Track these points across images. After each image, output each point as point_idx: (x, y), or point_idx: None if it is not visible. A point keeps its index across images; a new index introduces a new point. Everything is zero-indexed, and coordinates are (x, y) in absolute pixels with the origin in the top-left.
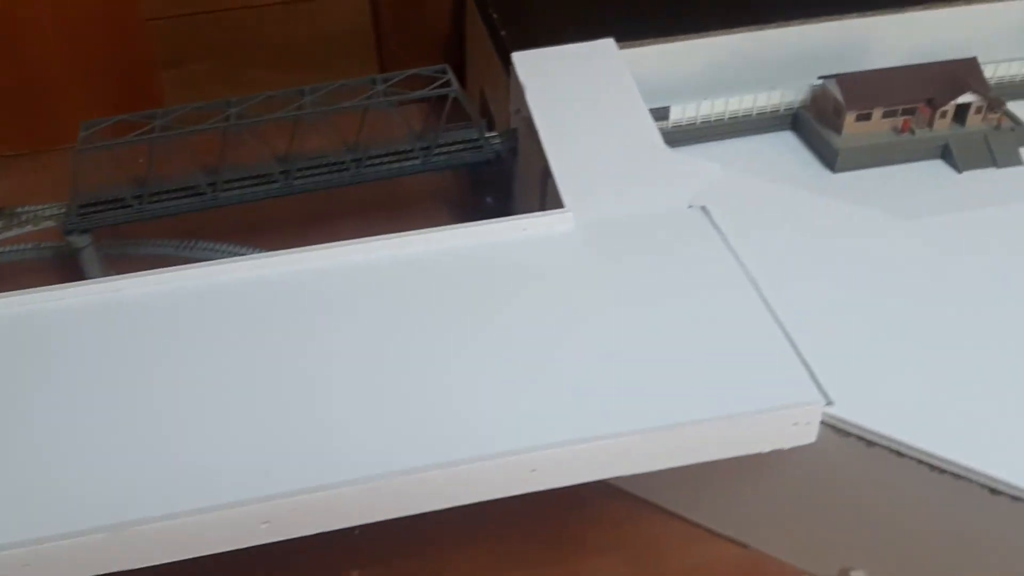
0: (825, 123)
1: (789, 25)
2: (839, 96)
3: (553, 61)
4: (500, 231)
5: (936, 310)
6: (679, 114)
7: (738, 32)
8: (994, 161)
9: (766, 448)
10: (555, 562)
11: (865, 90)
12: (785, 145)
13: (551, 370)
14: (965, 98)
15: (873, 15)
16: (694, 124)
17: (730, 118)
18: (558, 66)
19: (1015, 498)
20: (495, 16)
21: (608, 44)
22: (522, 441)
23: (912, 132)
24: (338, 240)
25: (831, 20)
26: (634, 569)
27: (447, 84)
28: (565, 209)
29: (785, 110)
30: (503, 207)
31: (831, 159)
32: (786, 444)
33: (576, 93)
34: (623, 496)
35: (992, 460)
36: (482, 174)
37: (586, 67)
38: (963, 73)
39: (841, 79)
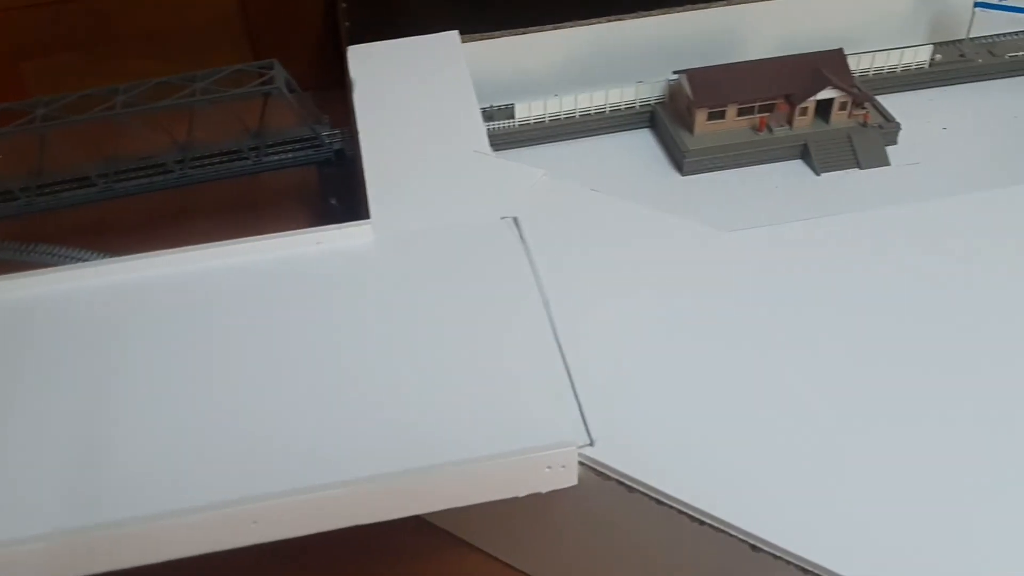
0: (678, 121)
1: (650, 15)
2: (689, 92)
3: (389, 55)
4: (292, 245)
5: (735, 340)
6: (526, 112)
7: (596, 23)
8: (857, 162)
9: (523, 492)
10: None
11: (718, 85)
12: (640, 145)
13: (295, 409)
14: (826, 94)
15: (741, 3)
16: (543, 122)
17: (582, 115)
18: (393, 61)
19: (776, 556)
20: (343, 5)
21: (451, 37)
22: (244, 490)
23: (770, 131)
24: (184, 244)
25: (696, 9)
26: None
27: (271, 81)
28: (366, 221)
29: (642, 107)
30: (350, 209)
31: (680, 161)
32: (544, 488)
33: (406, 91)
34: (429, 528)
35: (755, 518)
36: (329, 174)
37: (423, 62)
38: (826, 66)
39: (692, 74)
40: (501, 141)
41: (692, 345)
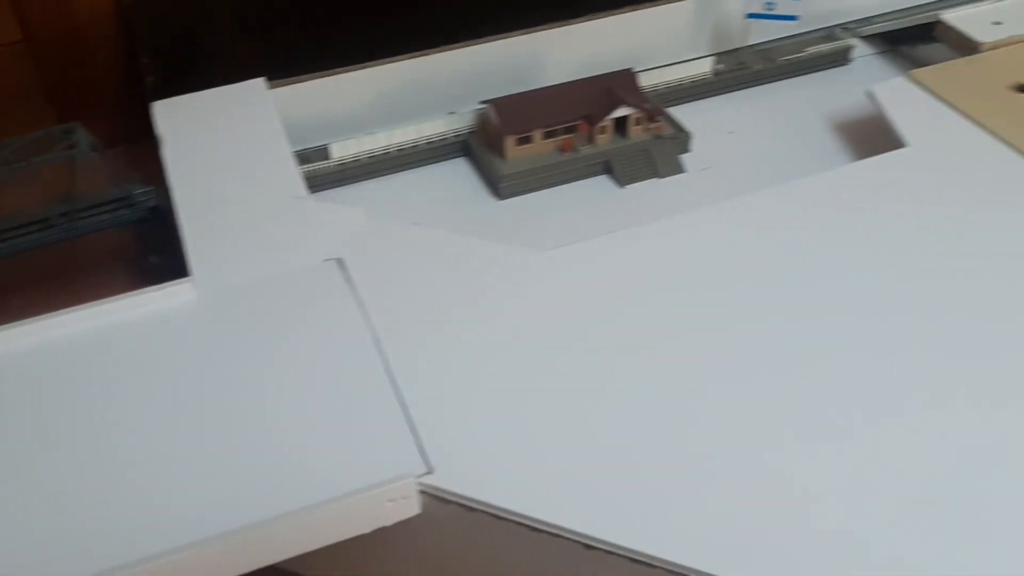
0: (491, 149)
1: (456, 48)
2: (496, 120)
3: (196, 108)
4: (112, 312)
5: (558, 355)
6: (342, 151)
7: (404, 60)
8: (656, 172)
9: (368, 528)
10: None
11: (523, 112)
12: (458, 173)
13: (135, 475)
14: (620, 112)
15: (538, 31)
16: (360, 160)
17: (398, 150)
18: (201, 113)
19: (608, 552)
20: (145, 62)
21: (258, 84)
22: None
23: (575, 150)
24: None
25: (498, 39)
26: None
27: (74, 144)
28: (186, 279)
29: (455, 137)
30: (174, 265)
31: (496, 186)
32: (388, 521)
33: (217, 142)
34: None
35: (586, 519)
36: (147, 232)
37: (231, 112)
38: (619, 86)
39: (497, 103)
40: (320, 182)
41: (519, 364)
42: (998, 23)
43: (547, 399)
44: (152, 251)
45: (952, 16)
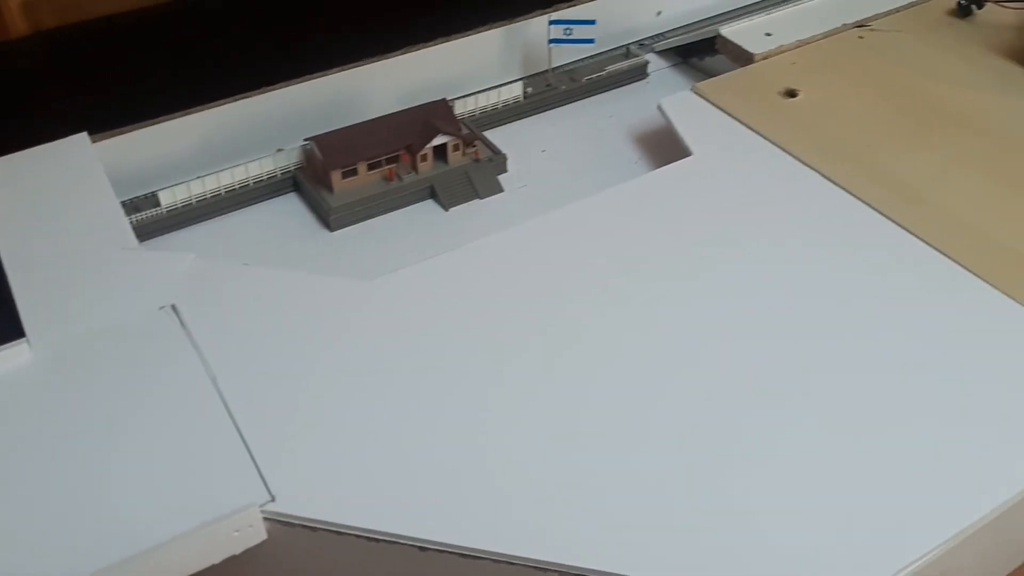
0: (318, 183)
1: (277, 88)
2: (321, 156)
3: (19, 167)
4: None
5: (388, 377)
6: (172, 198)
7: (227, 103)
8: (477, 193)
9: (218, 559)
10: None
11: (346, 146)
12: (288, 209)
13: None
14: (438, 140)
15: (357, 67)
16: (190, 204)
17: (227, 191)
18: (24, 173)
19: (440, 551)
20: None
21: (81, 139)
22: None
23: (400, 179)
24: None
25: (318, 78)
26: None
27: None
28: (21, 340)
29: (283, 174)
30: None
31: (326, 219)
32: (236, 550)
33: (43, 200)
34: None
35: (417, 524)
36: None
37: (55, 169)
38: (435, 115)
39: (320, 139)
40: (152, 230)
41: (350, 390)
42: (769, 34)
43: (378, 420)
44: None
45: (729, 30)
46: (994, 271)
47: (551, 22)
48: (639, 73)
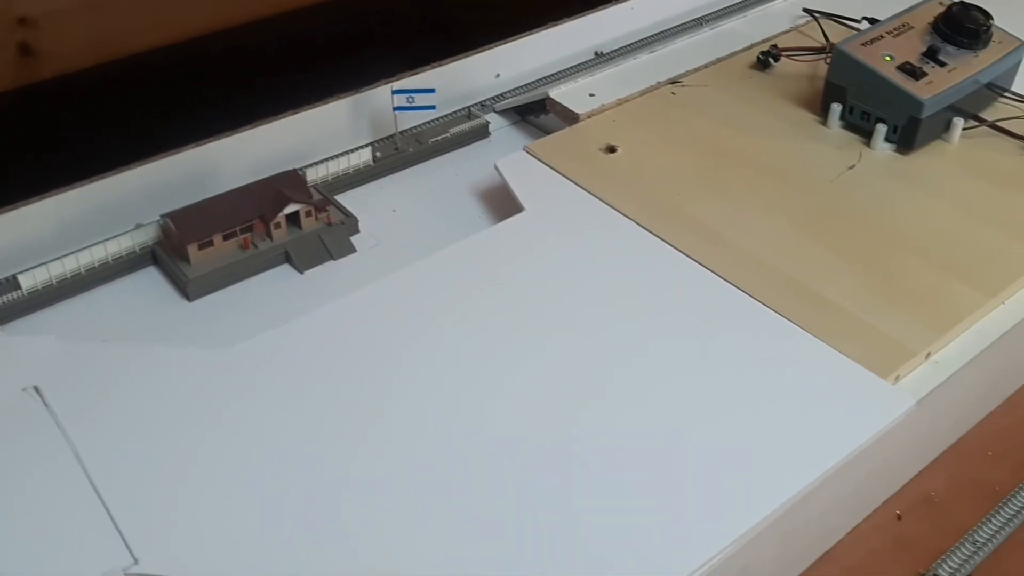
0: (176, 255)
1: (132, 167)
2: (175, 231)
3: None
4: None
5: (248, 444)
6: (32, 280)
7: (85, 184)
8: (330, 255)
9: None
10: None
11: (202, 219)
12: (149, 283)
13: None
14: (289, 208)
15: (208, 142)
16: (51, 285)
17: (87, 269)
18: None
19: None
20: None
21: None
22: None
23: (255, 247)
24: None
25: (172, 155)
26: None
27: None
28: None
29: (141, 249)
30: None
31: (184, 289)
32: None
33: None
34: None
35: None
36: None
37: None
38: (286, 185)
39: (174, 215)
40: (12, 312)
41: (208, 457)
42: (592, 95)
43: (238, 486)
44: None
45: (556, 91)
46: (774, 297)
47: (394, 91)
48: (481, 133)
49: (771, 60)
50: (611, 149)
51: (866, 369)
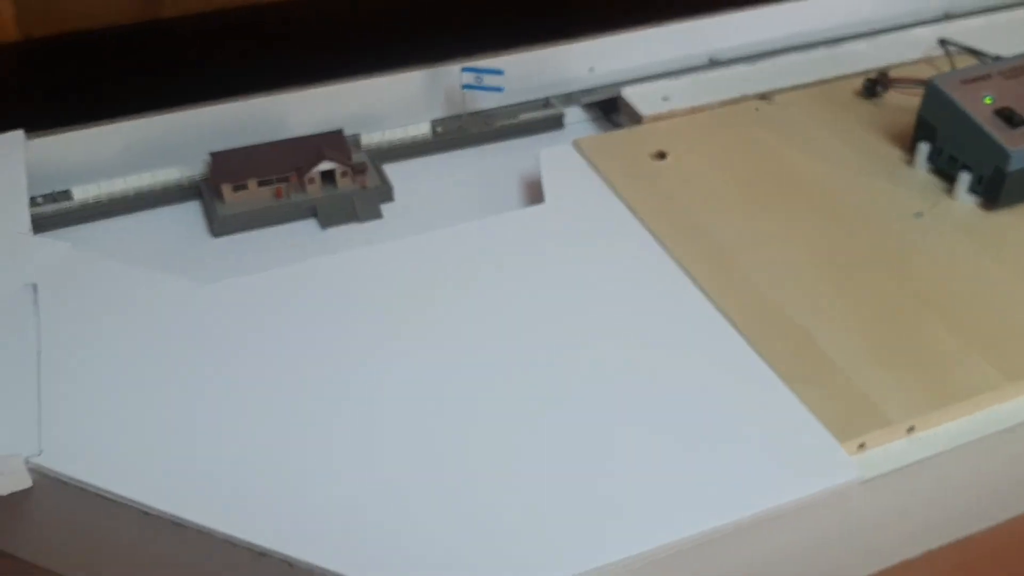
0: (215, 194)
1: (201, 106)
2: (214, 170)
3: None
4: None
5: (201, 374)
6: (85, 194)
7: (154, 115)
8: (356, 217)
9: None
10: None
11: (241, 163)
12: (188, 215)
13: None
14: (324, 165)
15: (281, 93)
16: (100, 202)
17: (136, 193)
18: None
19: (200, 532)
20: None
21: (16, 136)
22: None
23: (288, 197)
24: None
25: (240, 100)
26: None
27: None
28: None
29: (189, 183)
30: None
31: (211, 225)
32: (3, 491)
33: None
34: None
35: (180, 504)
36: None
37: None
38: (327, 144)
39: (216, 155)
40: (59, 221)
41: (163, 380)
42: (667, 98)
43: (177, 409)
44: None
45: (630, 90)
46: (758, 334)
47: (463, 69)
48: (554, 124)
49: (878, 88)
50: (661, 155)
51: (821, 425)
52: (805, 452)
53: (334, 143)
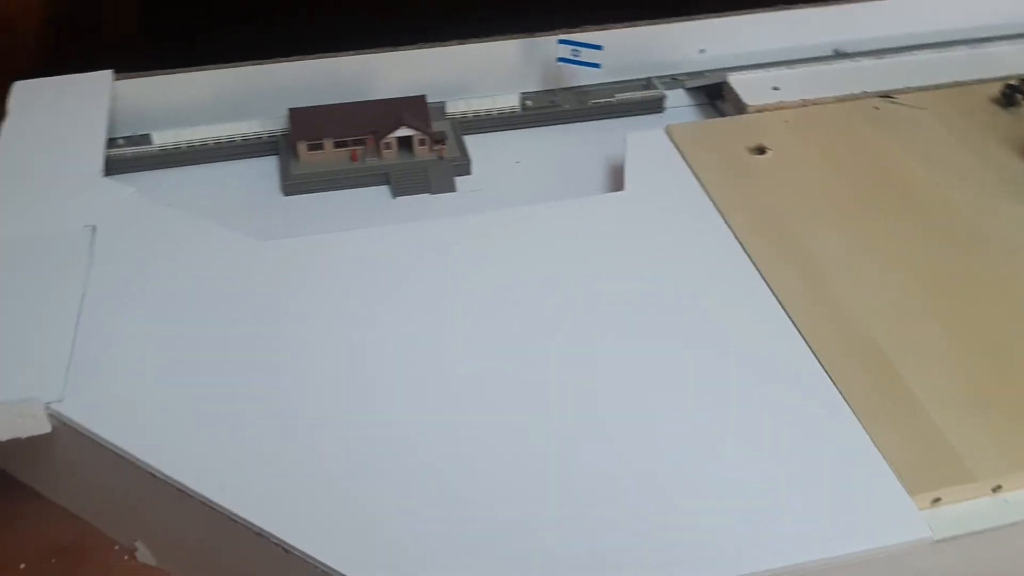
0: (291, 151)
1: (294, 60)
2: (292, 127)
3: (46, 91)
4: None
5: (249, 342)
6: (164, 139)
7: (237, 67)
8: (428, 188)
9: (5, 437)
10: None
11: (320, 122)
12: (264, 170)
13: None
14: (402, 131)
15: (370, 53)
16: (178, 149)
17: (215, 143)
18: (48, 96)
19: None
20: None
21: (104, 76)
22: None
23: (363, 161)
24: None
25: (331, 57)
26: None
27: None
28: None
29: (269, 137)
30: None
31: (283, 183)
32: (21, 433)
33: (47, 121)
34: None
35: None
36: None
37: (71, 97)
38: (408, 110)
39: (294, 112)
40: (136, 165)
41: (207, 339)
42: (777, 88)
43: (216, 374)
44: None
45: (737, 77)
46: (837, 361)
47: (560, 41)
48: (653, 106)
49: (1018, 97)
50: (760, 150)
51: (894, 475)
52: (869, 500)
53: (415, 109)
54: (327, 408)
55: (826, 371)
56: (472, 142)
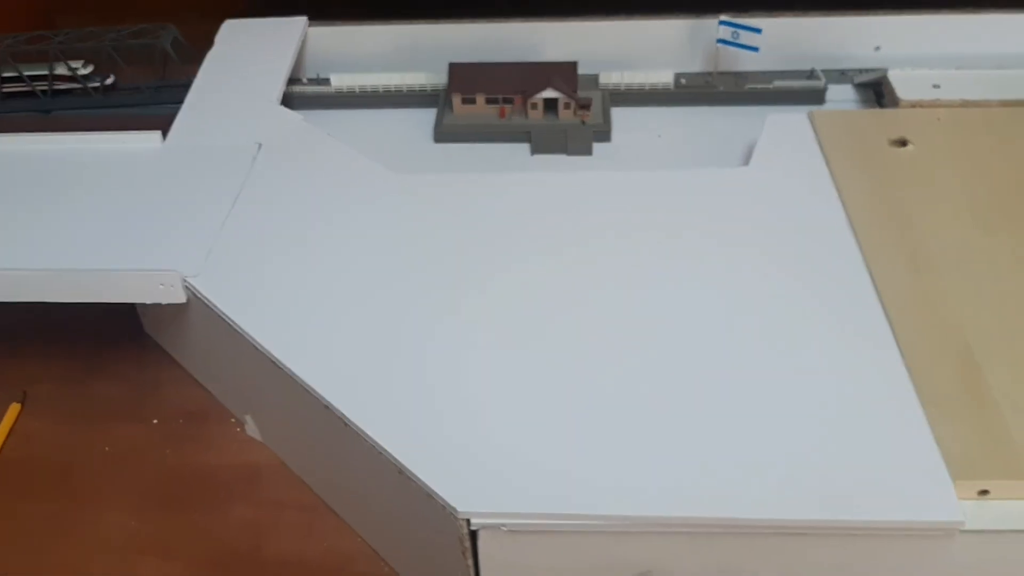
0: (448, 103)
1: (469, 22)
2: (449, 81)
3: (248, 30)
4: (92, 141)
5: (365, 257)
6: (339, 83)
7: (416, 23)
8: (566, 149)
9: (148, 300)
10: None
11: (473, 78)
12: (423, 119)
13: None
14: (547, 94)
15: (541, 21)
16: (353, 92)
17: (384, 90)
18: (249, 34)
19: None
20: None
21: (299, 21)
22: None
23: (509, 118)
24: None
25: (504, 22)
26: None
27: (157, 38)
28: (157, 132)
29: (433, 89)
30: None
31: (435, 131)
32: (162, 300)
33: (244, 56)
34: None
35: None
36: None
37: (269, 37)
38: (558, 74)
39: (454, 66)
40: (314, 103)
41: (338, 256)
42: (937, 86)
43: (344, 283)
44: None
45: (897, 73)
46: (916, 346)
47: (720, 22)
48: (814, 97)
49: None
50: (902, 143)
51: (942, 461)
52: (908, 479)
53: (565, 74)
54: (446, 328)
55: (903, 357)
56: (620, 113)
